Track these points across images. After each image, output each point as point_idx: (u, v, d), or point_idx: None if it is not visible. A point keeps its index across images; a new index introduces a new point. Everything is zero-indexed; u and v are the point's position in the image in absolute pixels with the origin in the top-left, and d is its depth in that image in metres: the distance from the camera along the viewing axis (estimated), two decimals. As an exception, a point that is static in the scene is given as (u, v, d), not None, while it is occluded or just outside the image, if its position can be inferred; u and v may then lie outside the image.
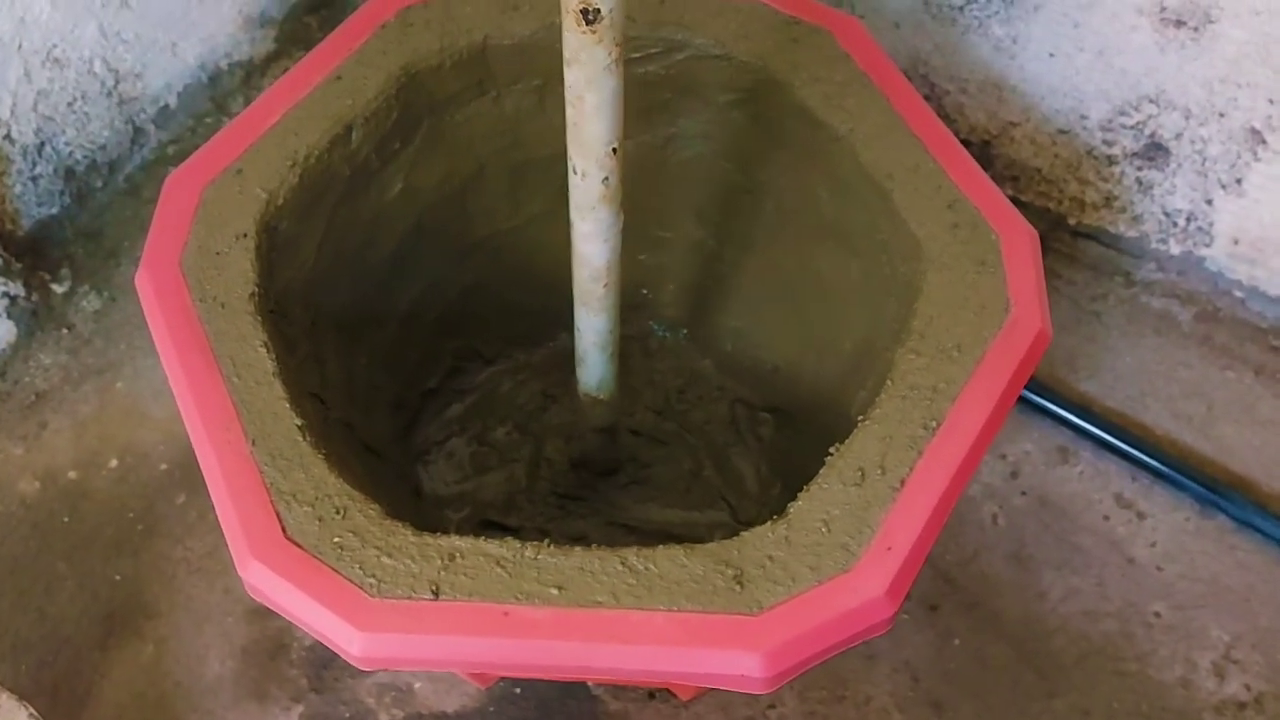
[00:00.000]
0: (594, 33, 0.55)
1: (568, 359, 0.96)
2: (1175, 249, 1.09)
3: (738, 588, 0.56)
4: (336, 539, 0.57)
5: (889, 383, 0.64)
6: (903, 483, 0.60)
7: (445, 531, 0.85)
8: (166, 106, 1.16)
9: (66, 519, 0.94)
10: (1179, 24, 0.91)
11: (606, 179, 0.64)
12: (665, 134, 0.85)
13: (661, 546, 0.58)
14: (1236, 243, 1.04)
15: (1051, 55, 1.01)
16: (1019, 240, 0.69)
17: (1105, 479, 1.00)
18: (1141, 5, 0.92)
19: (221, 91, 1.21)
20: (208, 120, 1.20)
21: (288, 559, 0.57)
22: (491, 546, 0.57)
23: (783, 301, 0.87)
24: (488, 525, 0.87)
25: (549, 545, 0.58)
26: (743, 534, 0.59)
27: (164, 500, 0.96)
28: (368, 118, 0.75)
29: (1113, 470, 1.00)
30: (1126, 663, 0.90)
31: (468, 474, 0.90)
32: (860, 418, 0.63)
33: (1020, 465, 1.00)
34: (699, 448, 0.91)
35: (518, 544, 0.58)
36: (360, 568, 0.56)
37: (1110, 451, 1.00)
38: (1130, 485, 1.00)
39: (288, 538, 0.57)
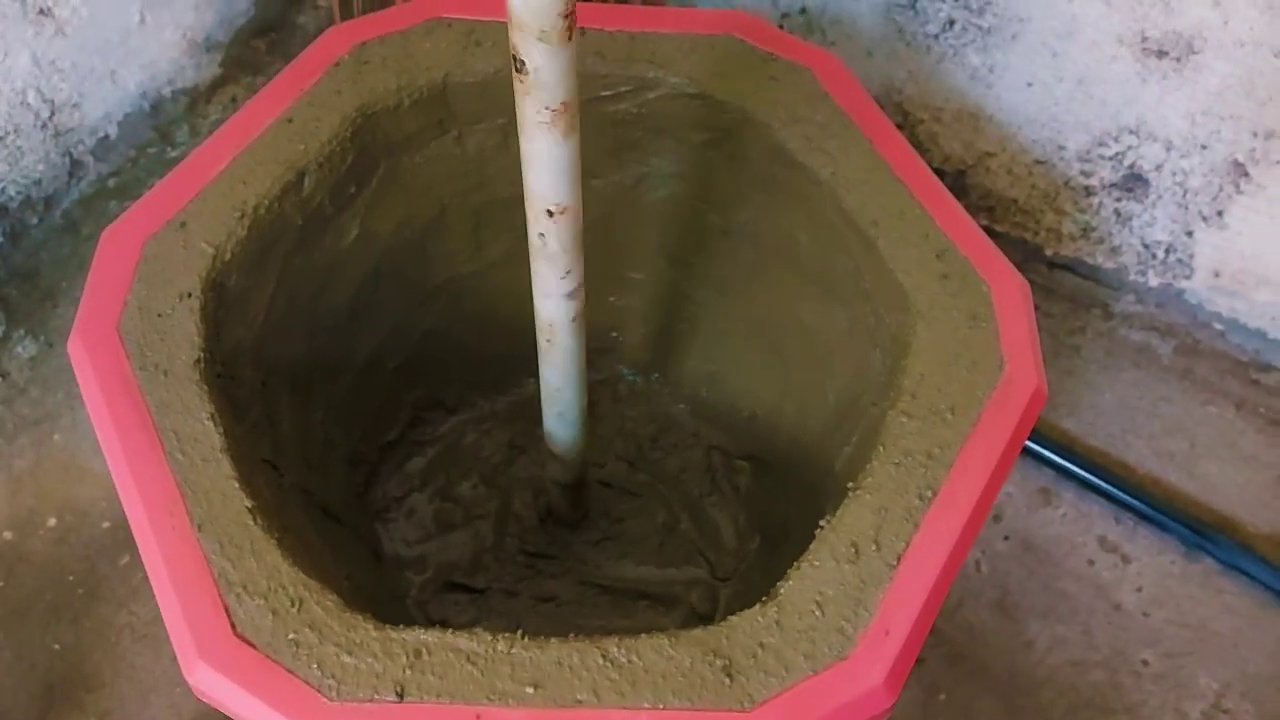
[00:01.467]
0: (521, 82, 0.53)
1: (534, 406, 0.92)
2: (1154, 281, 1.07)
3: (727, 680, 0.52)
4: (292, 635, 0.53)
5: (880, 448, 0.60)
6: (899, 559, 0.56)
7: (407, 595, 0.82)
8: (106, 137, 1.10)
9: (1, 584, 0.88)
10: (1161, 54, 0.89)
11: (542, 235, 0.60)
12: (637, 173, 0.81)
13: (645, 635, 0.54)
14: (1218, 275, 1.02)
15: (1029, 84, 0.98)
16: (1011, 292, 0.66)
17: (1088, 521, 0.98)
18: (1123, 35, 0.90)
19: (165, 120, 1.16)
20: (150, 151, 1.14)
21: (238, 659, 0.52)
22: (461, 640, 0.53)
23: (760, 347, 0.84)
24: (453, 587, 0.82)
25: (523, 638, 0.53)
26: (731, 619, 0.55)
27: (106, 561, 0.90)
28: (321, 162, 0.70)
29: (1096, 512, 0.98)
30: (1116, 715, 0.88)
31: (430, 532, 0.85)
32: (851, 485, 0.60)
33: (1002, 508, 0.98)
34: (673, 499, 0.87)
35: (489, 637, 0.53)
36: (318, 667, 0.52)
37: (1093, 492, 0.98)
38: (1114, 527, 0.97)
39: (238, 635, 0.53)
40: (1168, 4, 0.86)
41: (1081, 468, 0.98)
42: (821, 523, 0.58)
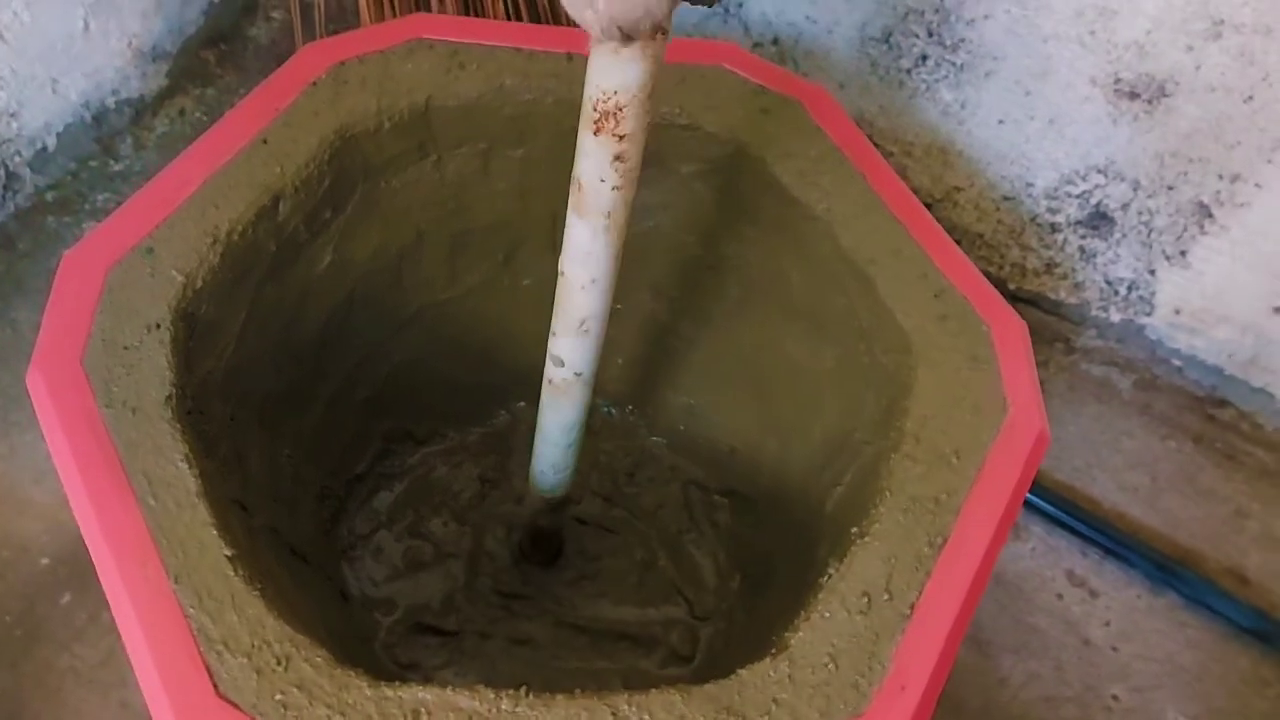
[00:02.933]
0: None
1: (506, 439, 0.89)
2: (1116, 317, 1.08)
3: (742, 739, 0.50)
4: (279, 695, 0.49)
5: (886, 493, 0.59)
6: (912, 609, 0.55)
7: (375, 638, 0.79)
8: (45, 149, 1.04)
9: (-72, 626, 0.82)
10: (1133, 96, 0.90)
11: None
12: (621, 204, 0.79)
13: (655, 690, 0.52)
14: (1178, 312, 1.03)
15: (1001, 122, 0.99)
16: (1011, 333, 0.65)
17: (1057, 555, 0.98)
18: (1096, 76, 0.91)
19: (108, 132, 1.10)
20: (91, 164, 1.09)
21: (221, 722, 0.48)
22: (462, 699, 0.50)
23: (743, 382, 0.82)
24: (423, 629, 0.79)
25: (528, 695, 0.51)
26: (741, 673, 0.53)
27: (46, 600, 0.84)
28: (298, 186, 0.67)
29: (1063, 546, 0.98)
30: (1090, 752, 0.88)
31: (399, 571, 0.81)
32: (856, 531, 0.58)
33: (973, 543, 0.97)
34: (651, 536, 0.85)
35: (491, 695, 0.50)
36: (309, 730, 0.48)
37: (1061, 527, 0.98)
38: (1081, 561, 0.98)
39: (220, 696, 0.49)
40: (1142, 48, 0.87)
41: (1049, 502, 0.98)
42: (830, 570, 0.57)
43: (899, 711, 0.52)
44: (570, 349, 0.61)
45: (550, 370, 0.63)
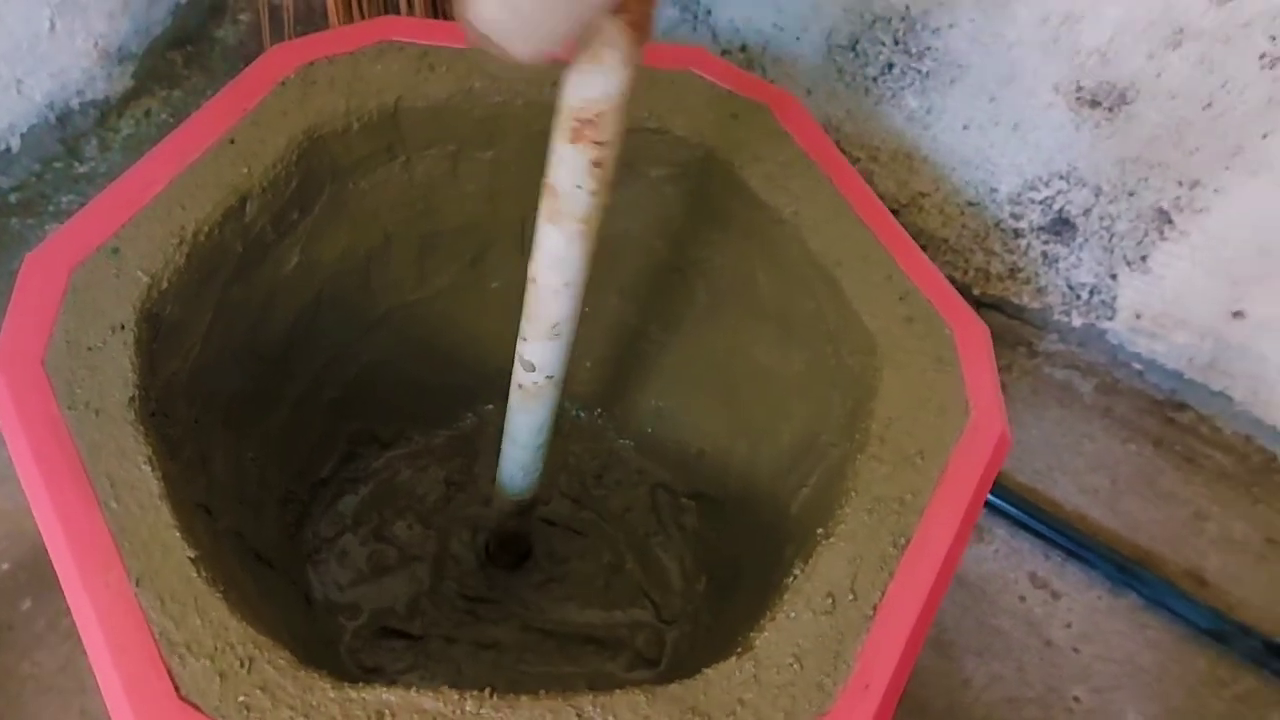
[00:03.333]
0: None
1: (472, 442, 0.89)
2: (1077, 321, 1.09)
3: (707, 739, 0.51)
4: (242, 698, 0.49)
5: (852, 493, 0.59)
6: (876, 609, 0.55)
7: (339, 642, 0.78)
8: (8, 150, 1.03)
9: (-116, 632, 0.81)
10: (1094, 104, 0.92)
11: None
12: (589, 207, 0.79)
13: (620, 691, 0.52)
14: (1139, 317, 1.05)
15: (965, 128, 1.00)
16: (973, 336, 0.66)
17: (1020, 557, 0.99)
18: (1059, 83, 0.92)
19: (73, 133, 1.09)
20: (56, 165, 1.07)
21: (183, 725, 0.48)
22: (427, 700, 0.50)
23: (711, 384, 0.82)
24: (388, 633, 0.79)
25: (492, 696, 0.51)
26: (707, 672, 0.53)
27: (6, 606, 0.83)
28: (266, 186, 0.67)
29: (1026, 548, 0.99)
30: (1052, 752, 0.89)
31: (364, 575, 0.81)
32: (821, 532, 0.59)
33: (939, 545, 0.98)
34: (619, 539, 0.85)
35: (456, 696, 0.50)
36: (273, 733, 0.48)
37: (1023, 529, 0.99)
38: (1044, 564, 0.99)
39: (182, 698, 0.49)
40: (1104, 55, 0.88)
41: (1012, 505, 0.99)
42: (795, 570, 0.57)
43: (863, 710, 0.52)
44: (541, 353, 0.61)
45: (520, 375, 0.63)
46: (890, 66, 0.99)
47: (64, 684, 0.80)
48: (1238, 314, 0.99)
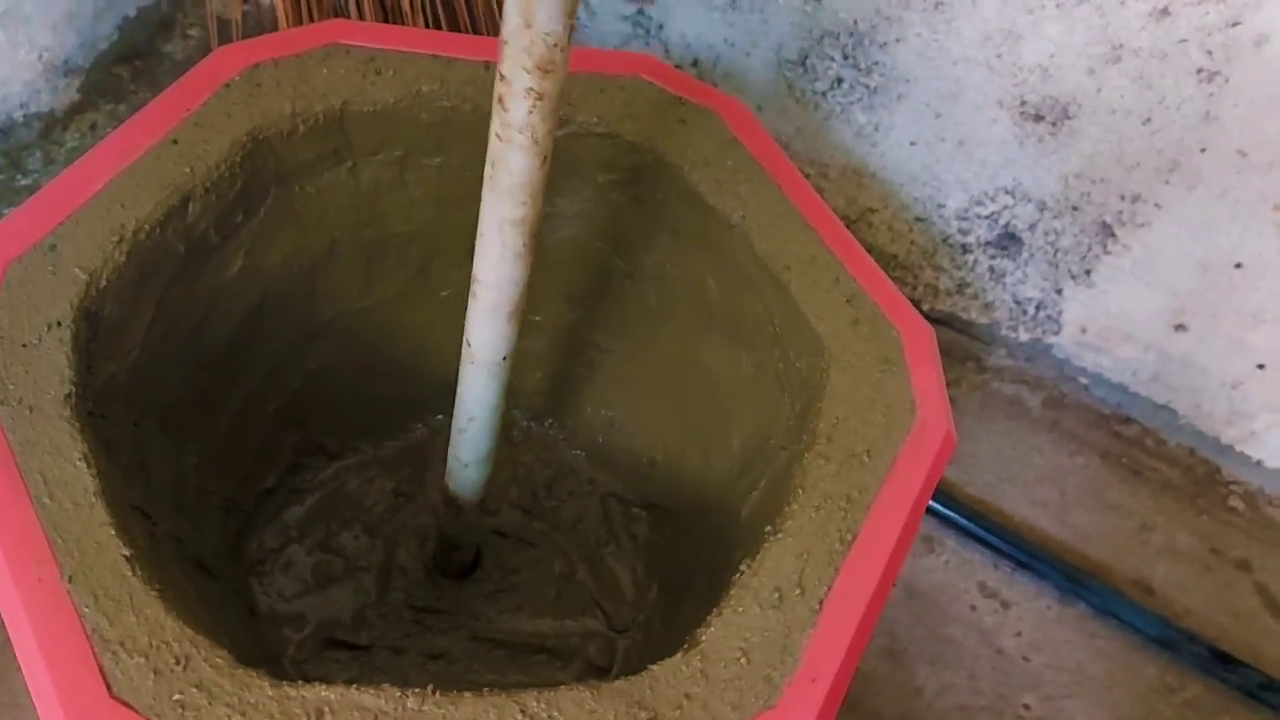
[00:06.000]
0: None
1: (421, 452, 0.88)
2: (1024, 336, 1.11)
3: (653, 734, 0.50)
4: (177, 695, 0.48)
5: (799, 490, 0.59)
6: (822, 603, 0.55)
7: (284, 654, 0.77)
8: (-52, 160, 1.02)
9: None
10: (1038, 119, 0.93)
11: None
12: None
13: (564, 687, 0.51)
14: (1084, 331, 1.06)
15: (913, 144, 1.01)
16: (919, 338, 0.67)
17: (970, 568, 1.00)
18: (1003, 99, 0.94)
19: (15, 145, 1.07)
20: (-2, 177, 1.06)
21: (114, 725, 0.46)
22: (367, 698, 0.49)
23: (662, 392, 0.82)
24: (333, 644, 0.77)
25: (434, 693, 0.50)
26: (653, 668, 0.53)
27: (-65, 623, 0.81)
28: (209, 187, 0.66)
29: (976, 559, 1.00)
30: (1004, 760, 0.89)
31: (309, 586, 0.80)
32: (769, 529, 0.59)
33: (890, 556, 0.98)
34: (570, 549, 0.84)
35: (397, 693, 0.49)
36: (207, 731, 0.47)
37: (973, 540, 1.00)
38: (993, 574, 0.99)
39: (114, 697, 0.47)
40: (1046, 71, 0.90)
41: (962, 516, 1.00)
42: (742, 567, 0.57)
43: (810, 703, 0.52)
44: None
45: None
46: (839, 81, 1.01)
47: (-5, 701, 0.78)
48: (1179, 327, 1.01)
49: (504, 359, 0.63)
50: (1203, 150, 0.89)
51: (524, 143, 0.52)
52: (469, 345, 0.62)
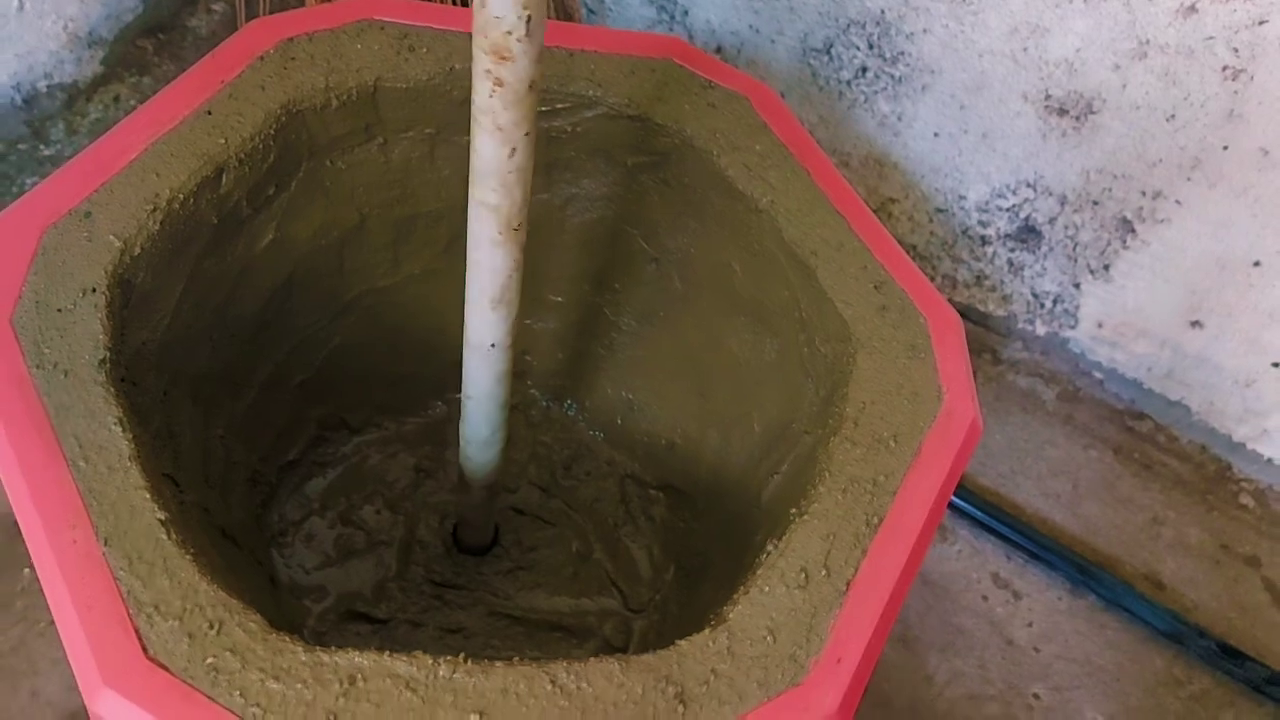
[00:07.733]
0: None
1: (442, 429, 0.88)
2: (1041, 329, 1.11)
3: (681, 708, 0.51)
4: (210, 659, 0.48)
5: (826, 474, 0.60)
6: (849, 585, 0.56)
7: (304, 625, 0.77)
8: (-28, 128, 1.02)
9: None
10: (1062, 113, 0.94)
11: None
12: (567, 194, 0.79)
13: (594, 659, 0.52)
14: (1100, 326, 1.07)
15: (936, 135, 1.01)
16: (946, 325, 0.67)
17: (983, 558, 1.00)
18: (1027, 92, 0.94)
19: (39, 115, 1.08)
20: (21, 147, 1.06)
21: (150, 685, 0.47)
22: (400, 665, 0.49)
23: (684, 375, 0.83)
24: (354, 617, 0.78)
25: (466, 661, 0.50)
26: (680, 644, 0.53)
27: (-44, 587, 0.81)
28: (242, 159, 0.66)
29: (989, 550, 1.01)
30: (1012, 749, 0.89)
31: (330, 559, 0.80)
32: (795, 511, 0.59)
33: (903, 544, 0.99)
34: (587, 528, 0.85)
35: (429, 660, 0.50)
36: (241, 695, 0.47)
37: (986, 530, 1.00)
38: (1006, 565, 1.00)
39: (150, 658, 0.48)
40: (1071, 65, 0.90)
41: (976, 507, 1.00)
42: (769, 547, 0.57)
43: (835, 683, 0.52)
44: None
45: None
46: (864, 70, 1.01)
47: (15, 665, 0.78)
48: (1195, 324, 1.01)
49: (491, 346, 0.63)
50: (1225, 148, 0.89)
51: (488, 126, 0.53)
52: (464, 327, 0.63)
